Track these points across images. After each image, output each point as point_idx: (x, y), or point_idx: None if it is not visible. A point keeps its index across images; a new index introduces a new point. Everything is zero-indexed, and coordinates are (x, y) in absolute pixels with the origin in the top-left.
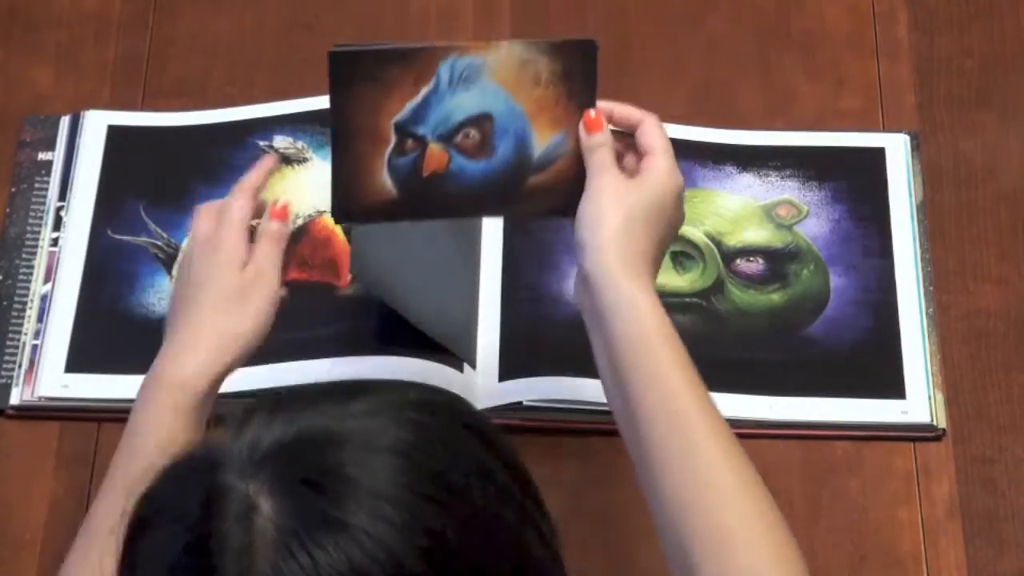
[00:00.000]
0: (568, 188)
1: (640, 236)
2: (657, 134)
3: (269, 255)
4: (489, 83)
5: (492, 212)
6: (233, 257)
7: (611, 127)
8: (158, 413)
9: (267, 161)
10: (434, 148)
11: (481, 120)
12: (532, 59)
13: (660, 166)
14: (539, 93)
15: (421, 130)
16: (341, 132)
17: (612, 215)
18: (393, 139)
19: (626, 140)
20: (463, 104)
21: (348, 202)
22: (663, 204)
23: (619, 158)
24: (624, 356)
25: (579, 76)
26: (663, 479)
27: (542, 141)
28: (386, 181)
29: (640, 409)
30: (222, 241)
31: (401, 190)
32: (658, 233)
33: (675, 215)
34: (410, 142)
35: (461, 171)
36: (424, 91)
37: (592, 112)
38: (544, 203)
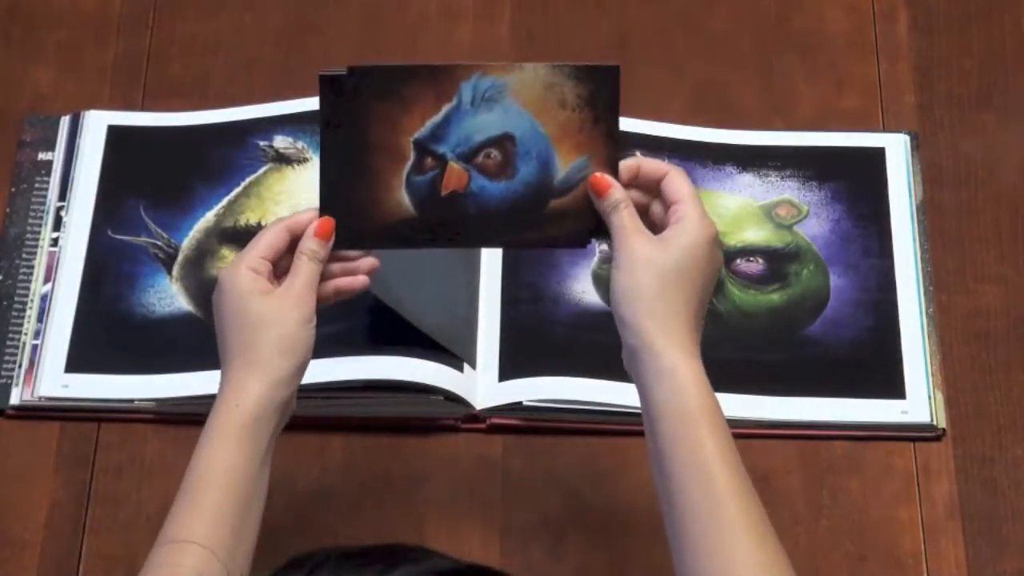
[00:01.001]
0: (589, 213)
1: (677, 298)
2: (683, 182)
3: (306, 280)
4: (513, 104)
5: (510, 238)
6: (311, 315)
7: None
8: (228, 448)
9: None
10: (454, 166)
11: (503, 141)
12: (557, 82)
13: (689, 216)
14: (563, 117)
15: (441, 148)
16: (346, 151)
17: (645, 284)
18: (412, 156)
19: (651, 191)
20: (485, 124)
21: (359, 224)
22: (697, 256)
23: (644, 211)
24: (665, 429)
25: (603, 101)
26: (693, 561)
27: (565, 165)
28: (404, 200)
29: (676, 486)
30: (303, 302)
31: (419, 210)
32: (697, 288)
33: (711, 264)
34: (429, 160)
35: (481, 191)
36: (446, 109)
37: (593, 176)
38: (563, 228)
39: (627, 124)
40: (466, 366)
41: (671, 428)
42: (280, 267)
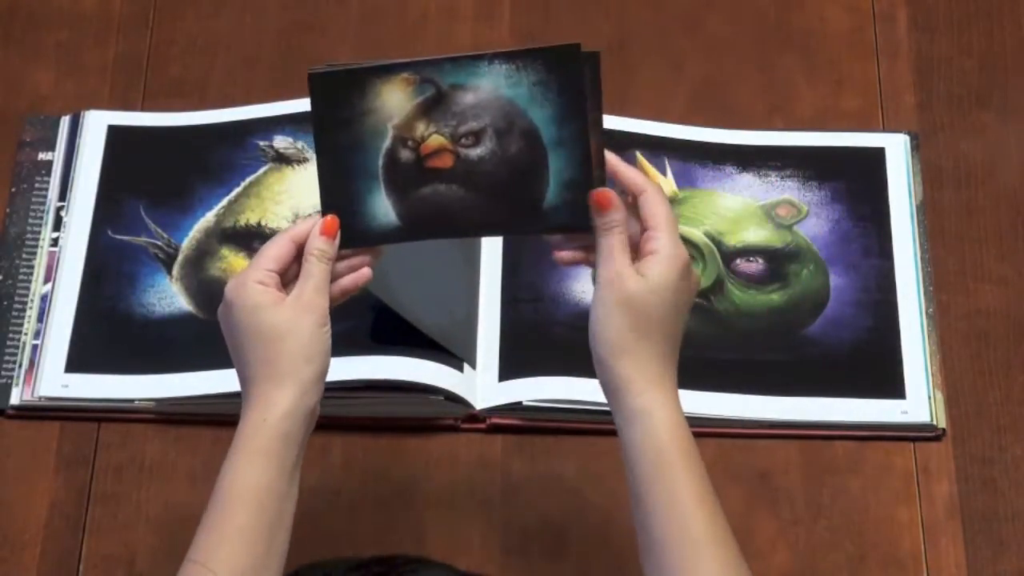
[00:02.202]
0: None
1: (653, 334)
2: (659, 204)
3: (317, 282)
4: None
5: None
6: (324, 319)
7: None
8: (257, 466)
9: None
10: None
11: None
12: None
13: (663, 247)
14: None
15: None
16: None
17: (620, 321)
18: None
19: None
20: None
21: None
22: (671, 291)
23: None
24: (641, 470)
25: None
26: None
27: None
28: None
29: (654, 528)
30: (315, 306)
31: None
32: (671, 324)
33: (685, 295)
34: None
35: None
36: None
37: (596, 192)
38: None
39: (627, 124)
40: (466, 366)
41: (647, 469)
42: (286, 277)
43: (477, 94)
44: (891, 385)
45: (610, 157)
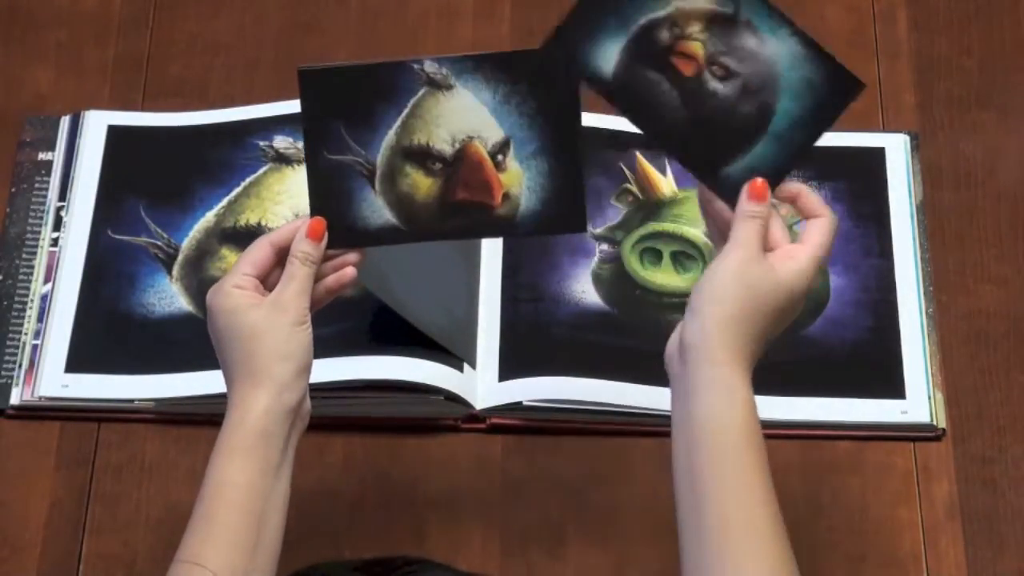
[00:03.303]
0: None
1: (756, 325)
2: (826, 232)
3: (298, 284)
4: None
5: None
6: (301, 318)
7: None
8: (237, 464)
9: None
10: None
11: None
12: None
13: (804, 260)
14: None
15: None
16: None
17: (736, 295)
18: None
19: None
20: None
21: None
22: (790, 299)
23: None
24: (708, 440)
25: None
26: (718, 570)
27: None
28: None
29: (711, 501)
30: (293, 307)
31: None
32: (773, 327)
33: (793, 314)
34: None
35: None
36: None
37: (759, 180)
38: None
39: (627, 124)
40: (466, 366)
41: (716, 441)
42: (268, 283)
43: (759, 45)
44: (891, 385)
45: (796, 185)
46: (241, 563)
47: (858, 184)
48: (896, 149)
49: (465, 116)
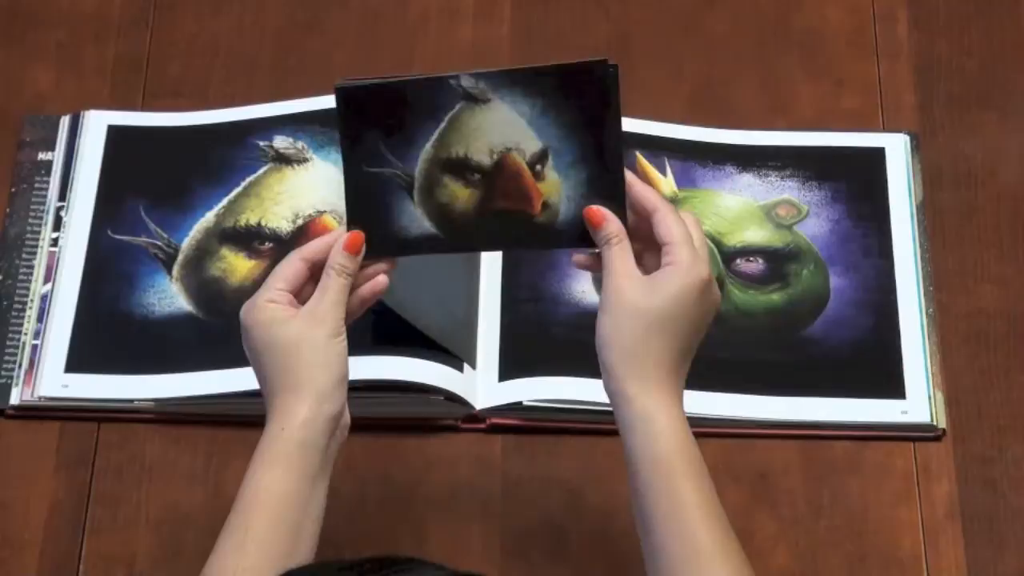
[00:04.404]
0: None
1: (658, 345)
2: (674, 222)
3: (334, 296)
4: (508, 114)
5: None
6: (337, 329)
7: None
8: (276, 473)
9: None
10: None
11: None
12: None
13: (680, 260)
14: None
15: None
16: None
17: (626, 329)
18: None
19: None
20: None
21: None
22: (685, 303)
23: (645, 242)
24: (642, 477)
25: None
26: None
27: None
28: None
29: (657, 537)
30: (329, 318)
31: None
32: (683, 334)
33: (701, 308)
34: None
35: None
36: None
37: (591, 208)
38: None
39: (627, 124)
40: (466, 366)
41: (648, 476)
42: (301, 297)
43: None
44: (891, 385)
45: (628, 176)
46: (272, 572)
47: (858, 184)
48: (896, 149)
49: (503, 129)
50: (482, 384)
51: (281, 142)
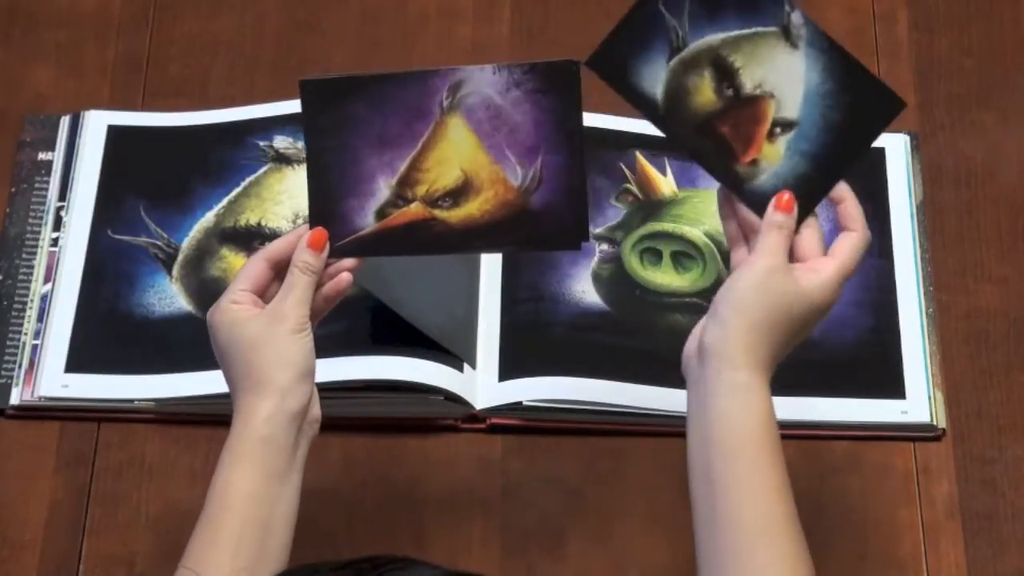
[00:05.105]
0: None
1: (777, 333)
2: (856, 248)
3: (299, 294)
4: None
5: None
6: (300, 326)
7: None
8: (240, 471)
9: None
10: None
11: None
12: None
13: (829, 274)
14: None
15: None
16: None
17: (760, 303)
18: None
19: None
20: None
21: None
22: (812, 311)
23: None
24: (726, 443)
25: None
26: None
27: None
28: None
29: (728, 502)
30: (291, 315)
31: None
32: (793, 336)
33: (813, 325)
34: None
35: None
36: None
37: (787, 195)
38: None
39: (627, 124)
40: (466, 366)
41: (733, 443)
42: (266, 298)
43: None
44: (891, 385)
45: (843, 188)
46: (244, 570)
47: (858, 184)
48: (896, 149)
49: (778, 73)
50: (482, 384)
51: (281, 142)
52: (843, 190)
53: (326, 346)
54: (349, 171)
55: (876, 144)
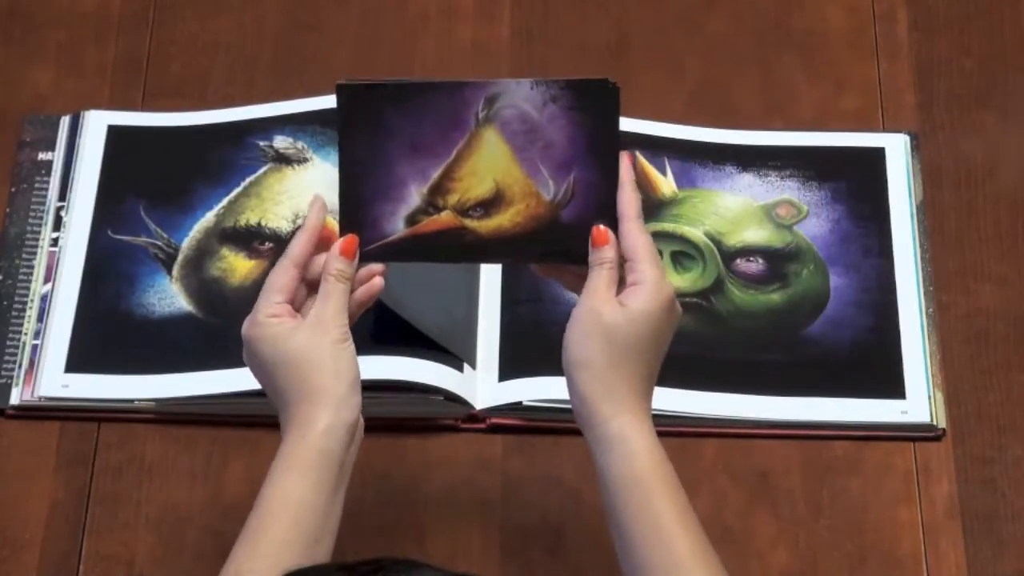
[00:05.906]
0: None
1: (629, 366)
2: (638, 235)
3: (336, 303)
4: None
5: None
6: (344, 335)
7: None
8: (295, 480)
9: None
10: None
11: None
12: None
13: (648, 279)
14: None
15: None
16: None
17: (596, 349)
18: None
19: None
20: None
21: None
22: (653, 324)
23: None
24: (620, 496)
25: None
26: None
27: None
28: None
29: (638, 554)
30: (334, 326)
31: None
32: (651, 355)
33: (668, 326)
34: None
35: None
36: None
37: (599, 228)
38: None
39: (627, 124)
40: (466, 366)
41: (625, 495)
42: (295, 302)
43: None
44: (891, 385)
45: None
46: None
47: (858, 184)
48: (896, 149)
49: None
50: (482, 384)
51: (281, 142)
52: (620, 201)
53: None
54: (381, 176)
55: (876, 144)
